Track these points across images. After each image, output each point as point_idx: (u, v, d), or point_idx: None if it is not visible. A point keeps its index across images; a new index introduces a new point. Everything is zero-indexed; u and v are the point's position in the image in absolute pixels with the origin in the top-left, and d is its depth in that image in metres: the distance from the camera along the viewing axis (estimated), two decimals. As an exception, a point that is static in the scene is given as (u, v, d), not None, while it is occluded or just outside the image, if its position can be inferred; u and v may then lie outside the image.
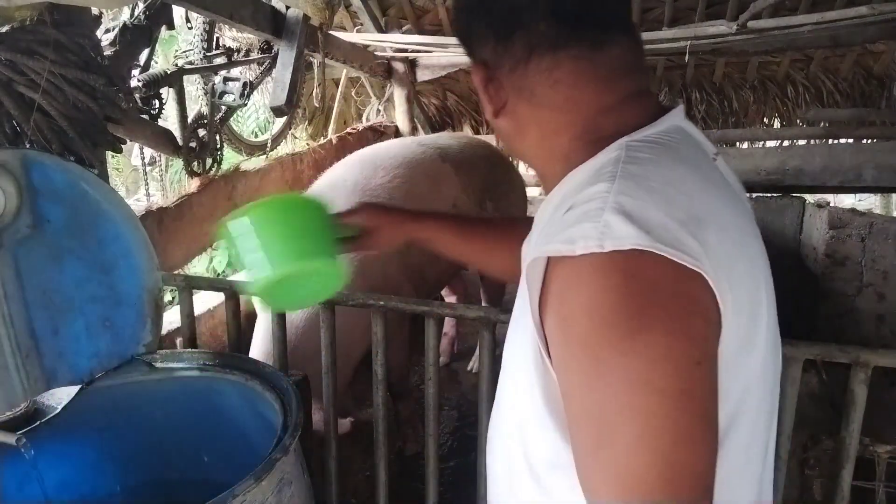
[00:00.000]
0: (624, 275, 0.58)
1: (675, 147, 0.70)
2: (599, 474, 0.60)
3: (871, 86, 4.36)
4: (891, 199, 6.74)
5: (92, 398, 1.34)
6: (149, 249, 1.38)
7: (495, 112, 0.78)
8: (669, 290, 0.59)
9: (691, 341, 0.59)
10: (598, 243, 0.59)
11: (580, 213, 0.63)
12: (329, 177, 2.52)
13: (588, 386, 0.60)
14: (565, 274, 0.62)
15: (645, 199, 0.62)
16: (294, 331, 2.00)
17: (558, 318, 0.63)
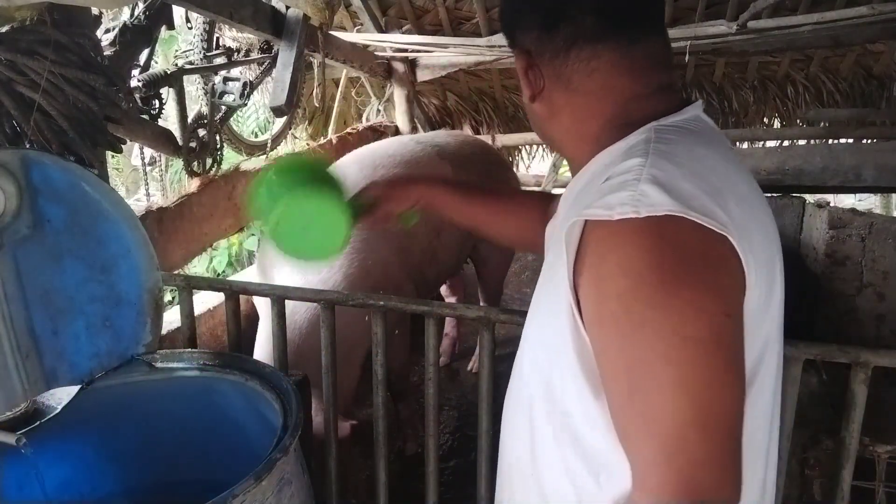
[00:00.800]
0: (658, 237, 0.64)
1: (698, 132, 0.78)
2: (634, 420, 0.65)
3: (871, 86, 4.36)
4: (891, 199, 6.73)
5: (92, 398, 1.34)
6: (149, 249, 1.38)
7: (532, 96, 0.84)
8: (700, 251, 0.64)
9: (721, 295, 0.64)
10: (634, 209, 0.64)
11: (617, 183, 0.69)
12: None
13: (623, 339, 0.65)
14: (603, 236, 0.67)
15: (675, 172, 0.68)
16: (297, 331, 2.00)
17: (595, 276, 0.67)
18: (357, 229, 2.38)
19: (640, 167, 0.69)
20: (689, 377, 0.62)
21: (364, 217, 1.16)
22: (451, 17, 4.06)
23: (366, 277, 2.13)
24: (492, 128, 4.90)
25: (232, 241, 5.06)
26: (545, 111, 0.85)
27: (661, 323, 0.62)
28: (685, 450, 0.61)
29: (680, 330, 0.62)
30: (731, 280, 0.66)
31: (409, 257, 2.39)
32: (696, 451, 0.61)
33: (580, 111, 0.82)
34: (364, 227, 1.20)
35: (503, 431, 0.94)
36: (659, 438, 0.62)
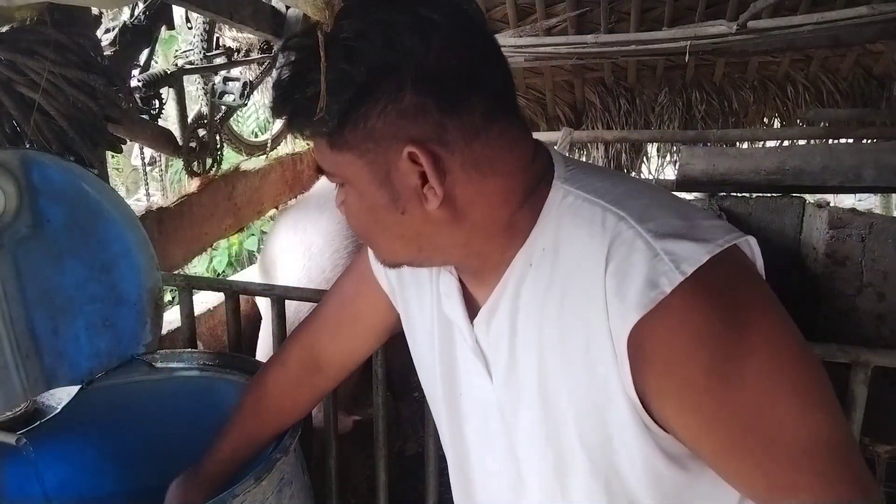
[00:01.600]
0: (714, 287, 0.58)
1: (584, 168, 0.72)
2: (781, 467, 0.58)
3: (871, 86, 4.36)
4: (891, 199, 6.73)
5: (92, 398, 1.34)
6: (149, 249, 1.38)
7: (442, 201, 0.64)
8: (745, 277, 0.61)
9: (778, 306, 0.61)
10: (679, 271, 0.58)
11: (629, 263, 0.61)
12: (327, 181, 2.52)
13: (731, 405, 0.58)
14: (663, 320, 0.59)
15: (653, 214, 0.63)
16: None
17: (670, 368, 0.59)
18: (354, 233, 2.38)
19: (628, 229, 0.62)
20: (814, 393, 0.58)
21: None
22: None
23: None
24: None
25: (232, 241, 5.06)
26: (448, 215, 0.66)
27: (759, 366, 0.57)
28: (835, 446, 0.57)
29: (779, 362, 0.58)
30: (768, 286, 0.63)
31: None
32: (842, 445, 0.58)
33: (495, 198, 0.67)
34: None
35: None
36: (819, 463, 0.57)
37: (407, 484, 2.14)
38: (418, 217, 0.67)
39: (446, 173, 0.64)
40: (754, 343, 0.57)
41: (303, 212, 2.33)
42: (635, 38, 3.49)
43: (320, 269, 2.10)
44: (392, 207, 0.67)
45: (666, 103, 4.51)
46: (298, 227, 2.25)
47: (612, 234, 0.62)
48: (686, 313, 0.58)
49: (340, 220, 2.22)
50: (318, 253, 2.14)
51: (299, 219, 2.29)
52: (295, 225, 2.27)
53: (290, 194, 3.18)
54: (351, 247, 2.15)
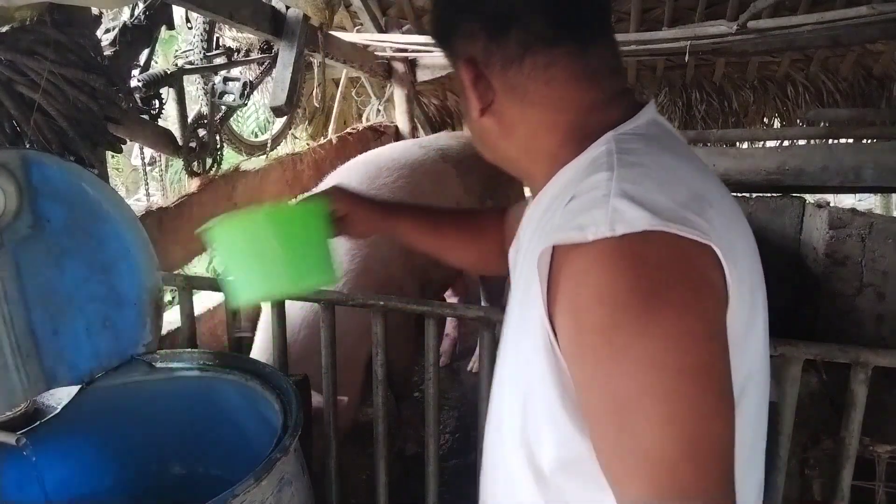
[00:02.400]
0: (636, 258, 0.59)
1: (658, 137, 0.73)
2: (624, 459, 0.60)
3: (871, 86, 4.36)
4: (891, 199, 6.73)
5: (92, 398, 1.34)
6: (149, 249, 1.38)
7: (482, 110, 0.77)
8: (681, 269, 0.60)
9: (704, 318, 0.60)
10: (609, 228, 0.59)
11: (585, 202, 0.64)
12: (333, 178, 2.53)
13: (605, 373, 0.60)
14: (576, 263, 0.61)
15: (646, 183, 0.63)
16: (293, 334, 1.99)
17: (570, 309, 0.62)
18: None
19: (607, 182, 0.64)
20: (677, 409, 0.58)
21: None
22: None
23: (366, 275, 2.12)
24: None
25: (232, 241, 5.05)
26: (496, 127, 0.78)
27: (642, 351, 0.58)
28: (678, 485, 0.58)
29: (664, 360, 0.58)
30: (714, 298, 0.62)
31: (413, 257, 2.39)
32: (689, 485, 0.58)
33: (537, 125, 0.75)
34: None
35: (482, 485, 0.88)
36: (650, 476, 0.58)
37: (407, 484, 2.14)
38: (475, 123, 0.79)
39: (493, 91, 0.76)
40: (653, 335, 0.58)
41: None
42: (635, 38, 3.49)
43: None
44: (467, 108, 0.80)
45: (666, 103, 4.51)
46: None
47: (592, 181, 0.65)
48: (596, 267, 0.60)
49: None
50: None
51: None
52: None
53: (290, 194, 3.17)
54: (348, 244, 2.15)
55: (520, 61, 0.73)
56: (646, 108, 0.76)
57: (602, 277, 0.59)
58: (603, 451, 0.63)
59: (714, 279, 0.61)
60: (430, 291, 2.59)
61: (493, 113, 0.77)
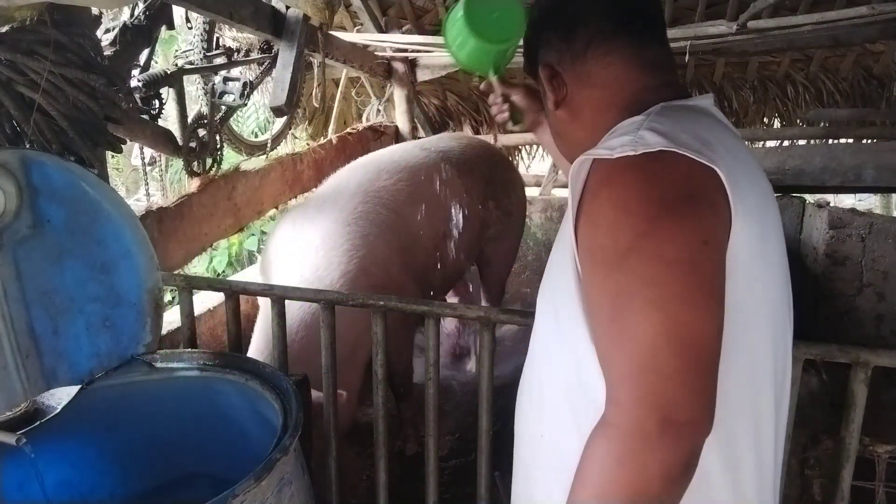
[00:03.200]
0: (647, 171, 0.71)
1: (701, 110, 0.84)
2: (613, 340, 0.69)
3: (871, 86, 4.36)
4: (891, 199, 6.73)
5: (92, 398, 1.34)
6: (149, 249, 1.38)
7: (556, 103, 0.94)
8: (686, 184, 0.70)
9: (699, 223, 0.69)
10: (632, 149, 0.72)
11: (619, 133, 0.78)
12: (333, 180, 2.53)
13: (609, 267, 0.70)
14: (601, 172, 0.74)
15: (673, 126, 0.75)
16: (291, 335, 1.99)
17: (588, 212, 0.74)
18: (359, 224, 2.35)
19: (640, 120, 0.77)
20: (664, 294, 0.66)
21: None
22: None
23: (365, 276, 2.12)
24: (492, 128, 4.90)
25: (232, 241, 5.07)
26: (568, 114, 0.94)
27: (642, 248, 0.68)
28: (656, 365, 0.65)
29: (658, 253, 0.67)
30: (714, 213, 0.70)
31: (413, 259, 2.39)
32: (667, 365, 0.64)
33: (599, 103, 0.90)
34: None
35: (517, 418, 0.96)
36: (632, 354, 0.66)
37: (407, 484, 2.14)
38: (554, 117, 0.97)
39: (566, 85, 0.93)
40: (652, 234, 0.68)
41: (302, 212, 2.33)
42: (635, 38, 3.48)
43: (314, 266, 2.09)
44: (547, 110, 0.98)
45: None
46: (296, 226, 2.25)
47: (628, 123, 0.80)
48: (617, 177, 0.72)
49: (338, 219, 2.22)
50: (314, 251, 2.13)
51: (297, 218, 2.29)
52: (293, 224, 2.27)
53: (290, 194, 3.17)
54: (346, 245, 2.15)
55: (584, 52, 0.90)
56: (702, 96, 0.88)
57: (616, 186, 0.72)
58: (598, 339, 0.72)
59: (716, 199, 0.71)
60: (430, 292, 2.59)
61: (566, 103, 0.94)
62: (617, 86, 0.89)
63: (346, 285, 2.07)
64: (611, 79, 0.89)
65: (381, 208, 2.33)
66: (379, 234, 2.25)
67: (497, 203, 2.91)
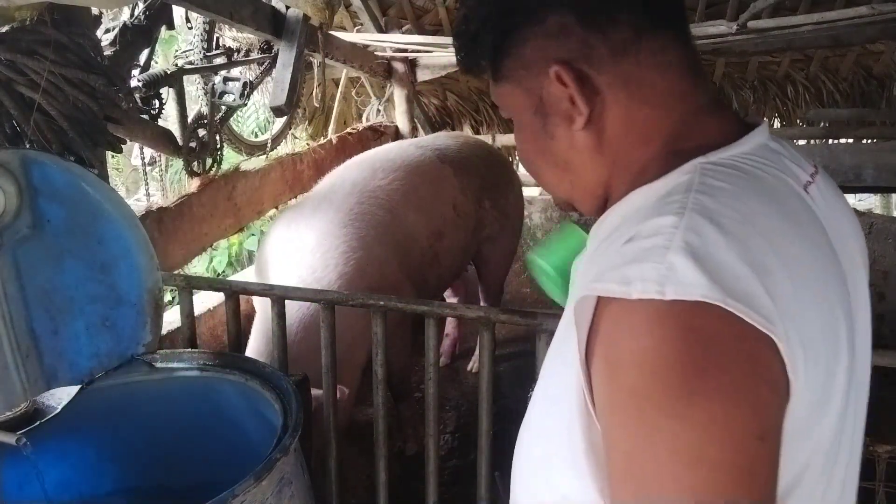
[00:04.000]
0: (685, 329, 0.50)
1: (758, 175, 0.61)
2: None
3: (871, 86, 4.36)
4: (891, 199, 6.73)
5: (92, 398, 1.34)
6: (149, 249, 1.38)
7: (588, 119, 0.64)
8: (735, 352, 0.51)
9: (755, 412, 0.51)
10: (658, 289, 0.51)
11: (641, 249, 0.54)
12: (329, 179, 2.53)
13: (632, 445, 0.53)
14: (617, 317, 0.53)
15: (717, 240, 0.53)
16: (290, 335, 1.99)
17: (606, 362, 0.55)
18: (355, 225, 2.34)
19: (672, 229, 0.54)
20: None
21: None
22: (451, 17, 4.06)
23: (361, 277, 2.12)
24: (492, 128, 4.91)
25: (232, 241, 5.06)
26: (592, 140, 0.66)
27: (675, 436, 0.50)
28: None
29: (698, 449, 0.50)
30: (770, 391, 0.52)
31: (409, 258, 2.38)
32: None
33: (638, 130, 0.65)
34: None
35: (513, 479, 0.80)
36: None
37: (407, 484, 2.14)
38: (565, 143, 0.67)
39: (594, 93, 0.63)
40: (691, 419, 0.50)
41: (297, 212, 2.33)
42: (635, 38, 3.49)
43: (311, 268, 2.09)
44: (544, 134, 0.68)
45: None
46: (291, 227, 2.25)
47: (656, 225, 0.56)
48: (642, 329, 0.52)
49: (333, 219, 2.22)
50: (310, 252, 2.13)
51: (293, 219, 2.29)
52: (288, 225, 2.27)
53: (290, 194, 3.18)
54: (343, 246, 2.15)
55: (636, 47, 0.62)
56: (756, 130, 0.65)
57: (644, 341, 0.52)
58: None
59: (774, 369, 0.52)
60: (427, 292, 2.59)
61: (593, 121, 0.64)
62: (669, 103, 0.64)
63: (343, 287, 2.07)
64: (665, 92, 0.64)
65: (376, 209, 2.33)
66: (375, 234, 2.25)
67: (493, 203, 2.91)
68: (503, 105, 0.72)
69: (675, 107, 0.64)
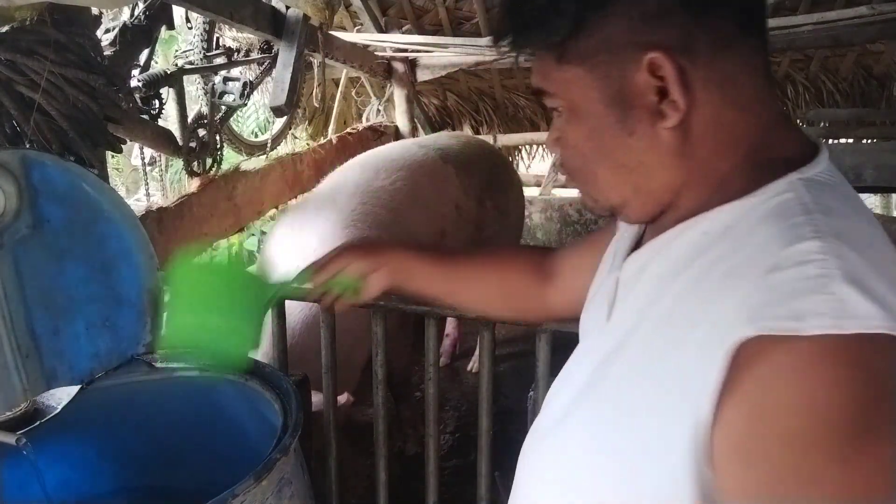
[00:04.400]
0: (863, 365, 0.47)
1: (846, 192, 0.58)
2: None
3: (871, 86, 4.36)
4: (891, 199, 6.73)
5: (92, 398, 1.34)
6: (149, 249, 1.38)
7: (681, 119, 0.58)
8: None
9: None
10: (834, 322, 0.46)
11: (797, 280, 0.49)
12: (330, 181, 2.52)
13: (785, 495, 0.48)
14: (781, 358, 0.48)
15: (861, 264, 0.49)
16: (293, 335, 1.99)
17: (751, 408, 0.49)
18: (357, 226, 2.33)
19: (821, 256, 0.49)
20: None
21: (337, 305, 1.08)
22: (451, 17, 4.06)
23: None
24: (492, 128, 4.91)
25: (232, 241, 5.06)
26: (677, 143, 0.59)
27: (842, 481, 0.46)
28: None
29: (866, 492, 0.46)
30: None
31: None
32: None
33: (726, 134, 0.59)
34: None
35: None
36: None
37: (407, 484, 2.14)
38: (646, 142, 0.60)
39: (691, 89, 0.57)
40: (859, 464, 0.46)
41: (300, 213, 2.33)
42: (635, 38, 3.49)
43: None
44: (619, 129, 0.60)
45: None
46: (295, 228, 2.25)
47: (798, 252, 0.50)
48: (810, 368, 0.47)
49: (336, 221, 2.22)
50: (313, 253, 2.13)
51: (296, 220, 2.29)
52: (291, 225, 2.27)
53: (290, 194, 3.18)
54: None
55: (738, 44, 0.57)
56: (824, 149, 0.60)
57: (816, 382, 0.47)
58: None
59: None
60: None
61: (683, 120, 0.58)
62: (757, 108, 0.59)
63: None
64: (756, 96, 0.59)
65: (379, 209, 2.33)
66: (377, 235, 2.25)
67: (495, 203, 2.91)
68: (561, 92, 0.62)
69: (761, 113, 0.60)
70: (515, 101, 4.86)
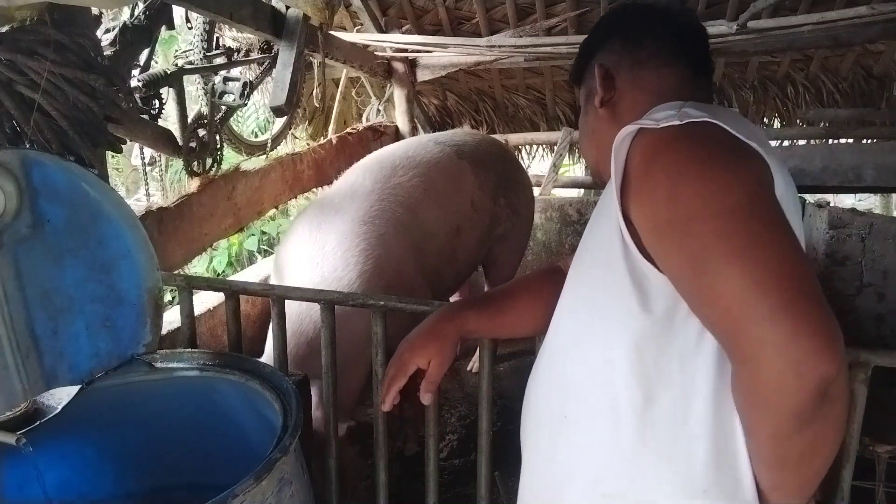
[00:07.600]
0: (695, 136, 0.75)
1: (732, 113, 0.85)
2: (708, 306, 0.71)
3: (871, 86, 4.36)
4: (891, 199, 6.74)
5: (92, 398, 1.34)
6: (149, 249, 1.38)
7: (603, 100, 0.99)
8: (730, 142, 0.75)
9: (749, 171, 0.73)
10: (678, 119, 0.76)
11: (657, 111, 0.82)
12: (346, 180, 2.51)
13: (678, 238, 0.72)
14: (648, 144, 0.77)
15: (709, 111, 0.78)
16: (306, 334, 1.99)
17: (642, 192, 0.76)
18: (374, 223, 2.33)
19: (678, 106, 0.80)
20: (738, 244, 0.67)
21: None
22: (451, 17, 4.06)
23: (379, 275, 2.12)
24: (491, 127, 4.91)
25: (232, 241, 5.07)
26: (609, 115, 0.99)
27: (703, 206, 0.70)
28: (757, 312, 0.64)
29: (720, 206, 0.69)
30: (761, 164, 0.75)
31: (426, 257, 2.39)
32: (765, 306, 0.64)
33: (641, 108, 0.91)
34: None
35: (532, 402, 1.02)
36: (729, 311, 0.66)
37: (407, 484, 2.14)
38: (593, 115, 1.02)
39: (615, 88, 0.98)
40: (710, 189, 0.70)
41: (318, 211, 2.33)
42: (635, 38, 3.48)
43: (332, 267, 2.10)
44: (587, 111, 1.04)
45: None
46: (313, 226, 2.25)
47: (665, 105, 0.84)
48: (667, 145, 0.75)
49: (355, 219, 2.22)
50: (331, 251, 2.14)
51: (314, 218, 2.29)
52: (310, 223, 2.27)
53: (290, 194, 3.18)
54: (363, 244, 2.15)
55: (645, 61, 0.97)
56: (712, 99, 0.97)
57: (668, 154, 0.75)
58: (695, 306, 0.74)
59: (762, 162, 0.75)
60: (444, 289, 2.59)
61: (611, 104, 0.99)
62: (667, 94, 0.92)
63: (363, 285, 2.08)
64: (663, 87, 0.95)
65: (396, 206, 2.33)
66: (394, 233, 2.25)
67: (507, 200, 2.91)
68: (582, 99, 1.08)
69: (664, 92, 0.94)
70: (515, 101, 4.86)
